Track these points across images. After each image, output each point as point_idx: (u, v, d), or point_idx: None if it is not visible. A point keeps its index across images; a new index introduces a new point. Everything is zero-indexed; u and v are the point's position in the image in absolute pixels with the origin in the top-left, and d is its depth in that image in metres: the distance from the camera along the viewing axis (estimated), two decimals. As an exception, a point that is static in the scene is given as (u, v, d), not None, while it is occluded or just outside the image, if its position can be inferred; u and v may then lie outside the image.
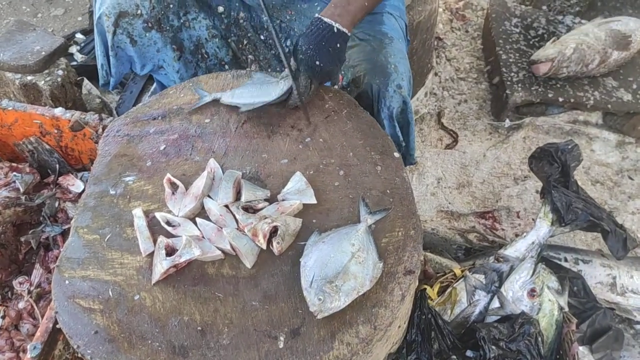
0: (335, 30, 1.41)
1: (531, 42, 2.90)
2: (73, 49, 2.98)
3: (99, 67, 1.86)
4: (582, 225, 1.77)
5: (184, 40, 1.84)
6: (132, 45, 1.79)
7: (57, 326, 1.36)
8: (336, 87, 1.62)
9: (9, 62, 2.21)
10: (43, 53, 2.24)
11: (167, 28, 1.78)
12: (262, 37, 1.85)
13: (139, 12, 1.73)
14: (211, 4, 1.80)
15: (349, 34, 1.44)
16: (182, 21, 1.80)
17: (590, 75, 2.70)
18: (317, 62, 1.41)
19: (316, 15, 1.44)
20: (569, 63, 2.59)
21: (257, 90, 1.50)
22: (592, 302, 1.78)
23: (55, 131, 1.83)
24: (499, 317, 1.68)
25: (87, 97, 2.54)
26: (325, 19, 1.41)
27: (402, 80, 1.59)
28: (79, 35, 3.11)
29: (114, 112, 2.62)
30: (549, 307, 1.67)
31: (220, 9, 1.80)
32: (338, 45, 1.42)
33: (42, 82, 2.23)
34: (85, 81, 2.56)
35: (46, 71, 2.26)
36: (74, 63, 2.84)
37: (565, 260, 1.98)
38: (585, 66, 2.61)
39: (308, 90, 1.47)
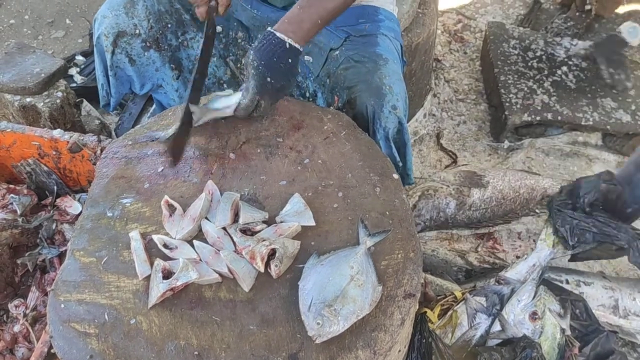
0: (288, 46, 1.40)
1: (529, 64, 2.92)
2: (73, 71, 2.99)
3: (99, 87, 1.87)
4: (592, 246, 1.76)
5: (182, 59, 1.85)
6: (130, 65, 1.80)
7: (53, 350, 1.35)
8: (332, 108, 1.62)
9: (8, 84, 2.22)
10: (42, 75, 2.25)
11: (166, 47, 1.79)
12: None
13: (137, 31, 1.75)
14: None
15: (301, 50, 1.43)
16: (180, 40, 1.81)
17: (459, 219, 2.30)
18: (269, 79, 1.39)
19: (268, 28, 1.43)
20: (418, 212, 2.28)
21: (208, 105, 1.50)
22: (594, 325, 1.76)
23: (54, 153, 1.83)
24: (500, 340, 1.66)
25: (87, 118, 2.54)
26: (278, 34, 1.40)
27: (398, 101, 1.59)
28: (79, 57, 3.13)
29: (113, 133, 2.63)
30: (551, 330, 1.65)
31: (219, 28, 1.81)
32: (290, 60, 1.41)
33: (41, 103, 2.23)
34: (85, 102, 2.57)
35: (45, 93, 2.27)
36: (74, 85, 2.85)
37: (567, 282, 1.96)
38: (442, 211, 2.27)
39: (254, 105, 1.44)
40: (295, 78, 1.48)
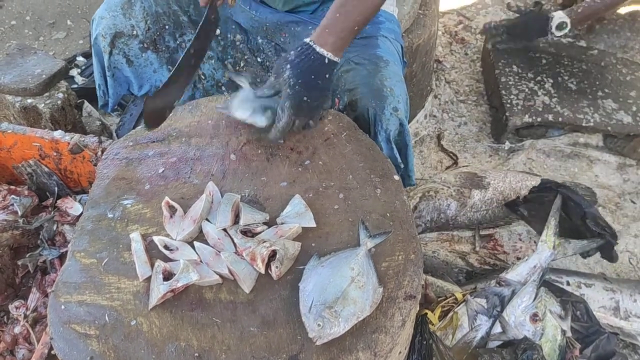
0: (327, 62, 1.36)
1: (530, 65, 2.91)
2: (74, 72, 2.99)
3: (96, 87, 1.87)
4: None
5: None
6: (128, 66, 1.80)
7: (53, 352, 1.34)
8: (333, 110, 1.62)
9: (9, 85, 2.22)
10: (44, 76, 2.25)
11: (163, 49, 1.79)
12: (258, 60, 1.86)
13: (134, 32, 1.75)
14: None
15: (339, 62, 1.39)
16: (178, 42, 1.81)
17: (460, 221, 2.30)
18: (305, 98, 1.35)
19: (307, 40, 1.38)
20: (418, 213, 2.27)
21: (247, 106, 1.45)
22: (595, 327, 1.76)
23: (55, 154, 1.83)
24: (501, 342, 1.66)
25: (87, 119, 2.54)
26: (318, 49, 1.35)
27: (399, 102, 1.58)
28: (80, 58, 3.13)
29: (114, 134, 2.63)
30: (552, 332, 1.65)
31: (217, 31, 1.81)
32: (327, 76, 1.37)
33: (42, 105, 2.23)
34: (86, 104, 2.57)
35: (46, 94, 2.27)
36: (75, 86, 2.85)
37: (568, 284, 1.96)
38: (443, 213, 2.28)
39: (290, 126, 1.38)
40: (330, 92, 1.42)
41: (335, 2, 1.39)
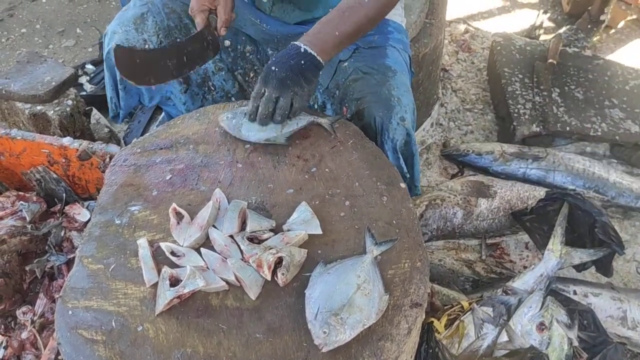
0: (302, 50, 1.41)
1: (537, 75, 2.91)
2: (83, 79, 3.02)
3: (108, 100, 1.88)
4: None
5: (190, 73, 1.86)
6: None
7: (60, 357, 1.35)
8: (340, 118, 1.63)
9: (19, 92, 2.24)
10: (53, 83, 2.27)
11: None
12: None
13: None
14: None
15: (320, 60, 1.44)
16: None
17: (466, 229, 2.32)
18: (273, 67, 1.40)
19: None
20: (425, 222, 2.29)
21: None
22: (602, 337, 1.75)
23: (63, 160, 1.84)
24: (507, 351, 1.65)
25: (96, 126, 2.56)
26: (295, 43, 1.44)
27: (406, 112, 1.59)
28: (89, 66, 3.16)
29: (122, 141, 2.64)
30: (559, 341, 1.64)
31: (227, 42, 1.83)
32: (302, 62, 1.41)
33: (52, 111, 2.25)
34: (94, 111, 2.59)
35: (56, 101, 2.29)
36: (84, 93, 2.88)
37: (575, 293, 1.95)
38: (449, 221, 2.30)
39: (259, 95, 1.43)
40: (306, 78, 1.44)
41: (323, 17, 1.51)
